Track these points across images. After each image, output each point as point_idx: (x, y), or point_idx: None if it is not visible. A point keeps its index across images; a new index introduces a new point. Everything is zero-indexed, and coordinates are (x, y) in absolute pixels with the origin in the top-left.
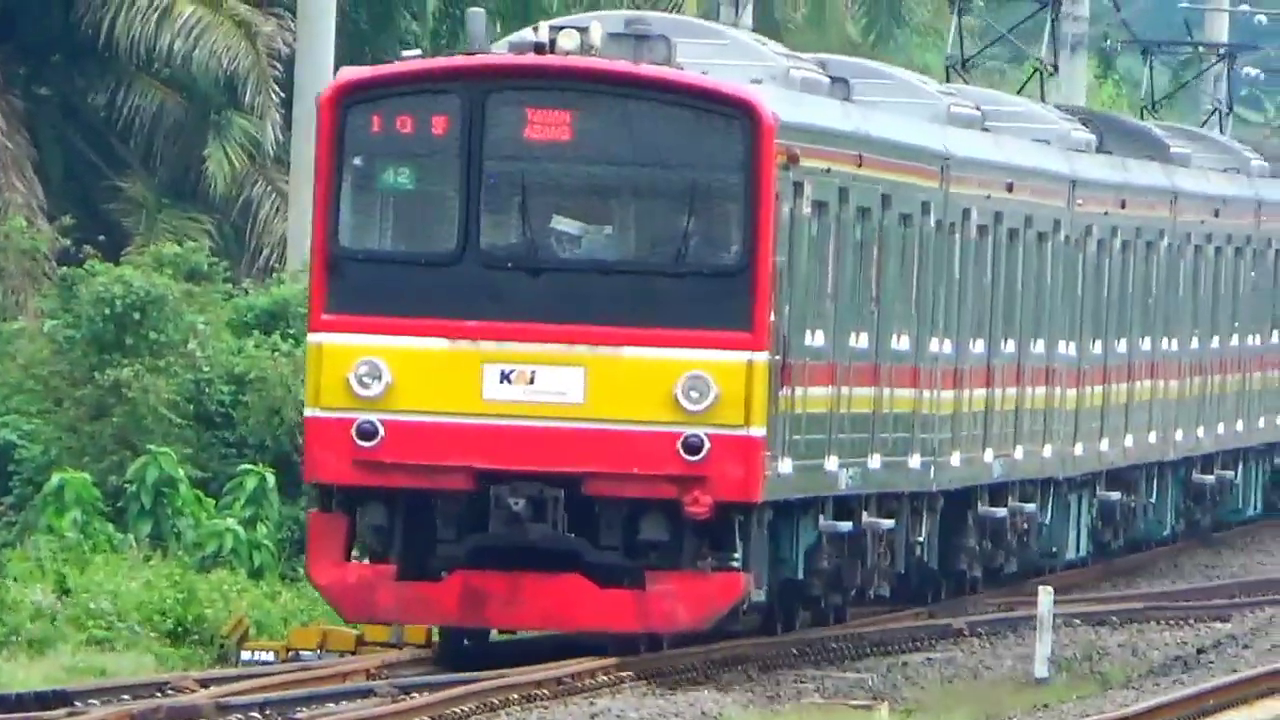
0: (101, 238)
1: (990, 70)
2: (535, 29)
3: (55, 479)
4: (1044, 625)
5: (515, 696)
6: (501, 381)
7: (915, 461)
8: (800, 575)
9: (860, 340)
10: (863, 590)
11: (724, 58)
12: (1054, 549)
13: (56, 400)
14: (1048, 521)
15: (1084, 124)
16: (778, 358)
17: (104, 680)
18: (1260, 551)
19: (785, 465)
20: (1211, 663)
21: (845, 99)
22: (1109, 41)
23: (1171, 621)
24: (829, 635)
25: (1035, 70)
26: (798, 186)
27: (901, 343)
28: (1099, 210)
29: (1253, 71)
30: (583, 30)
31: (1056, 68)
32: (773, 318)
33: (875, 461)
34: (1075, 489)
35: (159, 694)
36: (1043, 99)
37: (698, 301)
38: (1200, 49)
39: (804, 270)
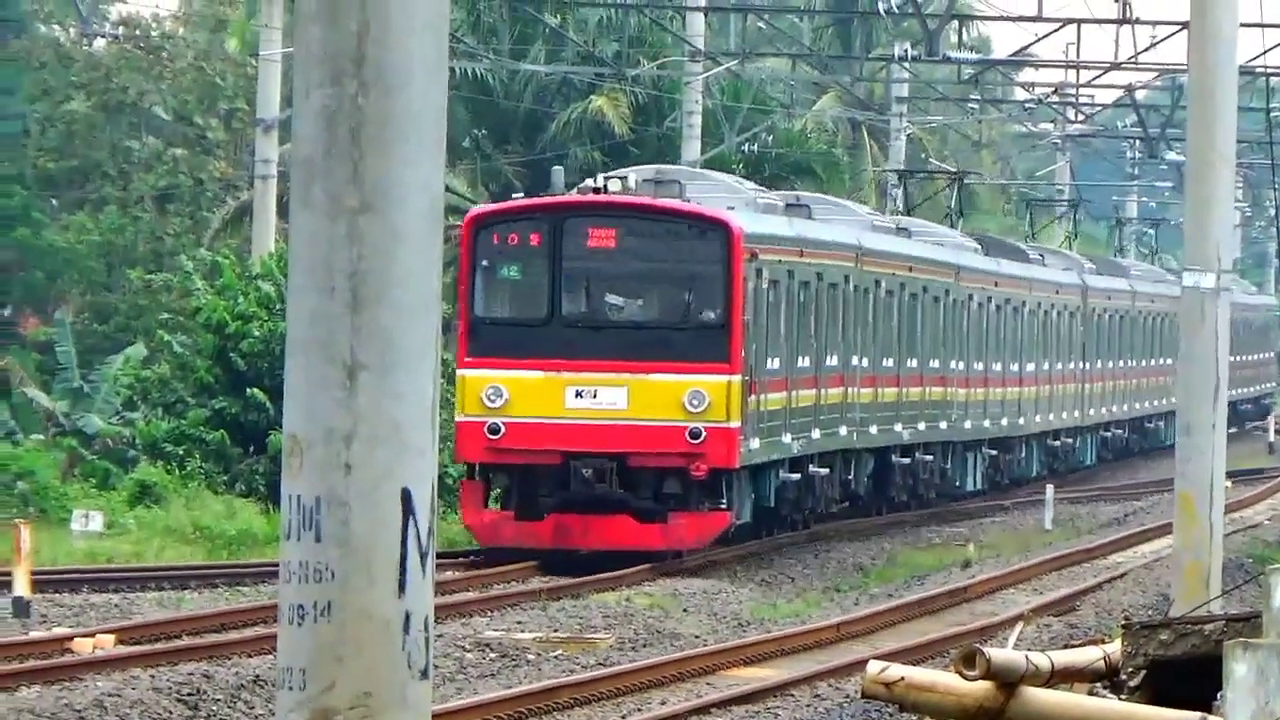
0: None
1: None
2: (594, 178)
3: None
4: (1049, 503)
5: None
6: (577, 396)
7: (844, 431)
8: (772, 504)
9: (804, 361)
10: (813, 509)
11: (715, 193)
12: (956, 484)
13: None
14: (949, 467)
15: (976, 239)
16: (747, 378)
17: None
18: (1117, 477)
19: (755, 442)
20: (1130, 519)
21: (807, 218)
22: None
23: (1108, 501)
24: (932, 511)
25: (947, 212)
26: (758, 271)
27: (832, 360)
28: (978, 286)
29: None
30: (623, 178)
31: (961, 213)
32: (743, 354)
33: (816, 434)
34: (970, 449)
35: None
36: (952, 225)
37: (696, 345)
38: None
39: (764, 322)
